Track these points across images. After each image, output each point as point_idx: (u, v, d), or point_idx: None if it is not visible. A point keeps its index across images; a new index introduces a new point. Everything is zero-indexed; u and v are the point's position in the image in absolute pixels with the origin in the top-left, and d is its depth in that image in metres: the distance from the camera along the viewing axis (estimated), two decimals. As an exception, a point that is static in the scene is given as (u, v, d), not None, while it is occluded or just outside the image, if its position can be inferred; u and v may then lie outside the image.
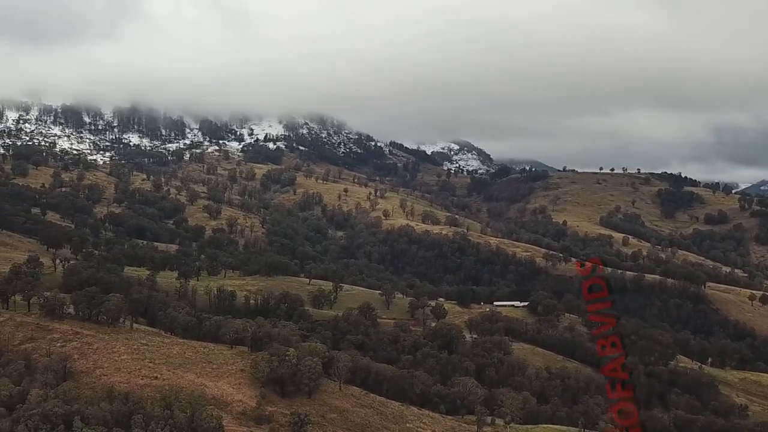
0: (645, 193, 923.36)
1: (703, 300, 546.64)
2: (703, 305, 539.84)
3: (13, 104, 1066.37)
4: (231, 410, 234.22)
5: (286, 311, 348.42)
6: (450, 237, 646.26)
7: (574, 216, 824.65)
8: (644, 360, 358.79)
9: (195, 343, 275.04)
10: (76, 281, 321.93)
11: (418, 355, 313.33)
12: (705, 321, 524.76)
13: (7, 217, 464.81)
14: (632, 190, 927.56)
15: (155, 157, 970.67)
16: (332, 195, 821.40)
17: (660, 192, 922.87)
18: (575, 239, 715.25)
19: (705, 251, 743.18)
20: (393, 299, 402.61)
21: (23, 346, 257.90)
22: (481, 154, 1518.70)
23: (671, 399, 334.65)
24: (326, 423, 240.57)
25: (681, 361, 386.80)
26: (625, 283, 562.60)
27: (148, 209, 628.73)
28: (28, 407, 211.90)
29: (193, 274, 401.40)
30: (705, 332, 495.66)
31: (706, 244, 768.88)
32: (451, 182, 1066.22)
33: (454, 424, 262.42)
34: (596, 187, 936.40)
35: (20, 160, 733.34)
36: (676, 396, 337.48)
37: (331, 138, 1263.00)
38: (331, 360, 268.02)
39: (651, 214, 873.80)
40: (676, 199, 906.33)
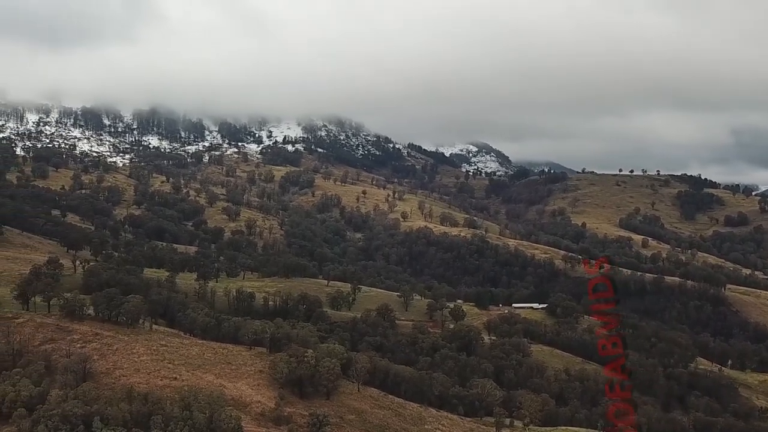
0: (664, 195, 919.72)
1: (723, 302, 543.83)
2: (723, 307, 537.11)
3: (33, 106, 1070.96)
4: (250, 411, 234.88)
5: (305, 312, 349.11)
6: (468, 239, 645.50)
7: (593, 218, 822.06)
8: (664, 362, 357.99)
9: (214, 344, 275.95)
10: (95, 282, 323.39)
11: (436, 357, 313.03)
12: (725, 323, 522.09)
13: (27, 218, 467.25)
14: (652, 192, 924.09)
15: (174, 160, 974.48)
16: (351, 197, 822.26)
17: (679, 194, 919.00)
18: (594, 241, 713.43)
19: (725, 253, 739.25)
20: (411, 301, 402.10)
21: (43, 347, 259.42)
22: (499, 156, 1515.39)
23: (691, 401, 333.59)
24: (345, 424, 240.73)
25: (701, 364, 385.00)
26: (645, 285, 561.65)
27: (168, 211, 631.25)
28: (48, 408, 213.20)
29: (212, 275, 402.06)
30: (725, 334, 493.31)
31: (726, 246, 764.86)
32: (469, 184, 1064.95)
33: (473, 426, 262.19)
34: (615, 189, 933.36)
35: (40, 162, 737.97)
36: (696, 398, 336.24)
37: (350, 140, 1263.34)
38: (349, 361, 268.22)
39: (671, 216, 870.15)
40: (696, 201, 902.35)
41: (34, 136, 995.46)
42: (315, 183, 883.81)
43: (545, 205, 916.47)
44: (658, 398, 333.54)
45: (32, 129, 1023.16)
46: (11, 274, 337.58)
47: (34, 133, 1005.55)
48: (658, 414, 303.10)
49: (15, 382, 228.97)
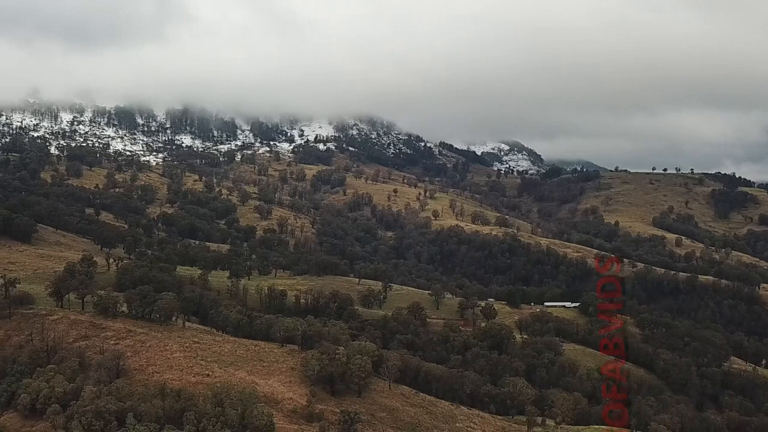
0: (698, 194, 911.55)
1: (758, 301, 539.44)
2: (757, 306, 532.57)
3: (67, 106, 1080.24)
4: (281, 408, 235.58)
5: (336, 310, 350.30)
6: (500, 237, 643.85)
7: (626, 216, 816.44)
8: (697, 361, 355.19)
9: (246, 342, 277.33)
10: (129, 280, 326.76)
11: (467, 355, 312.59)
12: (759, 322, 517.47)
13: (61, 217, 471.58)
14: (685, 191, 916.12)
15: (207, 158, 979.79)
16: (382, 195, 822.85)
17: (713, 192, 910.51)
18: (627, 240, 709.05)
19: (759, 252, 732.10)
20: (442, 299, 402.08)
21: (77, 344, 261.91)
22: (531, 155, 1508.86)
23: (724, 400, 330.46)
24: (376, 422, 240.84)
25: (734, 363, 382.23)
26: (678, 284, 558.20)
27: (200, 210, 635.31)
28: (81, 404, 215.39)
29: (245, 273, 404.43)
30: (759, 333, 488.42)
31: (761, 245, 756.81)
32: (501, 183, 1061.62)
33: (505, 425, 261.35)
34: (649, 188, 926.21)
35: (74, 161, 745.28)
36: (730, 397, 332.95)
37: (381, 139, 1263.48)
38: (380, 359, 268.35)
39: (704, 215, 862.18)
40: (730, 200, 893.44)
41: (69, 135, 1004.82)
42: (346, 182, 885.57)
43: (578, 204, 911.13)
44: (691, 397, 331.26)
45: (66, 128, 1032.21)
46: (46, 272, 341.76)
47: (68, 132, 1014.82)
48: (691, 413, 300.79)
49: (49, 378, 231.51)
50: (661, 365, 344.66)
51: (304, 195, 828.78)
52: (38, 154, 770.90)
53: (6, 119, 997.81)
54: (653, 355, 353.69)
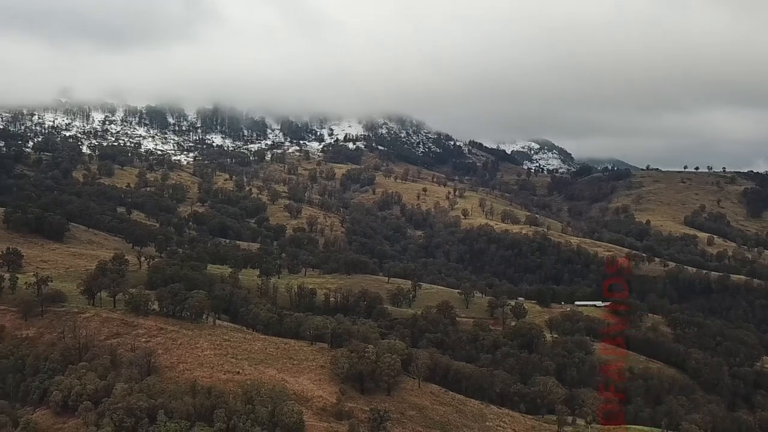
0: (730, 193, 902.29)
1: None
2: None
3: (99, 105, 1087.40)
4: (311, 405, 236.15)
5: (366, 309, 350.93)
6: (530, 236, 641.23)
7: (657, 215, 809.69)
8: (729, 361, 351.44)
9: (276, 339, 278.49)
10: (160, 278, 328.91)
11: (497, 354, 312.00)
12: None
13: (93, 215, 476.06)
14: (717, 189, 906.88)
15: (237, 158, 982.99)
16: (411, 194, 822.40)
17: (746, 191, 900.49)
18: (659, 239, 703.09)
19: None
20: (472, 298, 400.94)
21: (109, 342, 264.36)
22: (561, 153, 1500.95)
23: (757, 400, 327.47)
24: (405, 420, 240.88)
25: (767, 363, 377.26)
26: (710, 283, 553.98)
27: (231, 208, 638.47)
28: (113, 401, 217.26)
29: (275, 272, 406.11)
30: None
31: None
32: (531, 181, 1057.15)
33: (535, 424, 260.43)
34: (680, 186, 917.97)
35: (106, 161, 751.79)
36: (762, 397, 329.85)
37: (410, 138, 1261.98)
38: (409, 357, 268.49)
39: (737, 214, 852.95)
40: (763, 198, 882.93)
41: (100, 134, 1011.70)
42: (376, 181, 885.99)
43: (608, 203, 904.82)
44: (723, 397, 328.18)
45: (98, 128, 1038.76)
46: (78, 270, 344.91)
47: (100, 132, 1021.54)
48: (723, 413, 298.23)
49: (81, 375, 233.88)
50: (692, 365, 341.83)
51: (334, 194, 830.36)
52: (70, 153, 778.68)
53: (38, 119, 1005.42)
54: (685, 354, 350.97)
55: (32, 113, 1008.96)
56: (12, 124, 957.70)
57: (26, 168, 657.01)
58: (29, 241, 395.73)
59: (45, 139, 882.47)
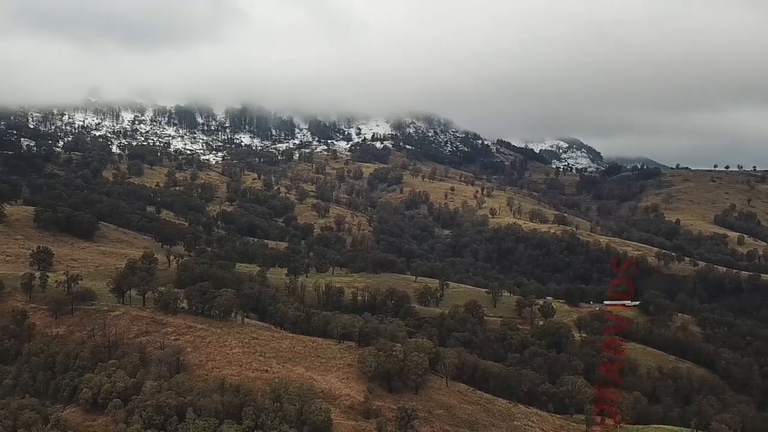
0: (761, 192, 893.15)
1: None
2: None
3: (128, 105, 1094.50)
4: (339, 404, 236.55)
5: (393, 308, 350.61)
6: (558, 235, 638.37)
7: (687, 214, 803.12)
8: (760, 360, 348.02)
9: (304, 338, 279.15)
10: (189, 277, 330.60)
11: (525, 354, 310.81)
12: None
13: (123, 214, 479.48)
14: (748, 188, 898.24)
15: (266, 157, 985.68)
16: (439, 193, 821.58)
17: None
18: (688, 238, 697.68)
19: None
20: (500, 297, 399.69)
21: (138, 339, 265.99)
22: (590, 152, 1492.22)
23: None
24: (433, 419, 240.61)
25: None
26: (740, 282, 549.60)
27: (259, 208, 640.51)
28: (142, 398, 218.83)
29: (302, 270, 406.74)
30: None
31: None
32: (559, 180, 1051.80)
33: (563, 423, 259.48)
34: (710, 185, 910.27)
35: (135, 160, 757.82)
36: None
37: (438, 137, 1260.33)
38: (437, 356, 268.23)
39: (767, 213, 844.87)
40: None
41: (130, 134, 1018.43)
42: (403, 180, 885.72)
43: (638, 202, 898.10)
44: (753, 397, 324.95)
45: (128, 127, 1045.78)
46: (107, 269, 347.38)
47: (129, 132, 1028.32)
48: (753, 413, 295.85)
49: (111, 373, 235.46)
50: (722, 365, 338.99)
51: (361, 193, 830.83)
52: (100, 152, 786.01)
53: (68, 118, 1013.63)
54: (714, 354, 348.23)
55: (62, 113, 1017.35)
56: (42, 124, 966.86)
57: (56, 167, 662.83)
58: (59, 240, 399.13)
59: (75, 139, 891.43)
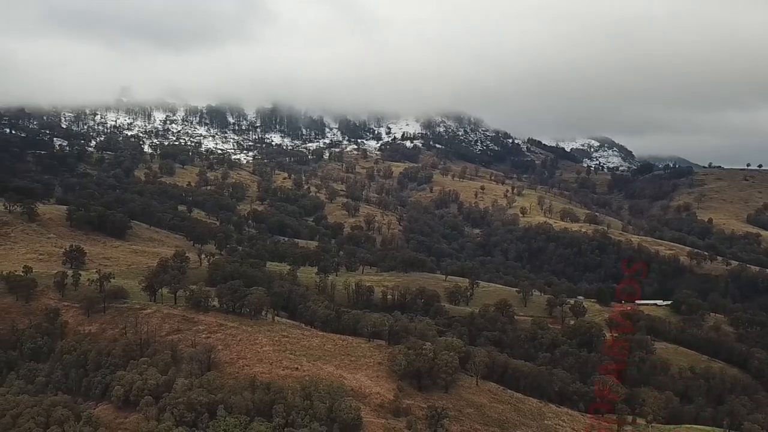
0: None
1: None
2: None
3: (160, 105, 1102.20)
4: (369, 402, 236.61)
5: (423, 306, 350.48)
6: (589, 235, 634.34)
7: (720, 214, 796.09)
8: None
9: (334, 336, 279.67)
10: (220, 275, 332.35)
11: (556, 353, 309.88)
12: None
13: (155, 213, 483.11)
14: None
15: (296, 156, 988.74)
16: (469, 192, 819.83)
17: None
18: (721, 237, 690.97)
19: None
20: (530, 297, 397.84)
21: (170, 337, 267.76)
22: (622, 151, 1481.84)
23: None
24: (463, 417, 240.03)
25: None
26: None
27: (289, 207, 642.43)
28: (174, 396, 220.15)
29: (332, 269, 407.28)
30: None
31: None
32: (590, 179, 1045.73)
33: (594, 422, 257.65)
34: (743, 184, 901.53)
35: (167, 160, 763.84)
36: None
37: (468, 136, 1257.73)
38: (467, 355, 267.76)
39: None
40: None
41: (161, 133, 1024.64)
42: (433, 179, 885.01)
43: (670, 201, 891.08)
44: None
45: (159, 127, 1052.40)
46: (139, 267, 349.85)
47: (161, 131, 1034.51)
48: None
49: (142, 370, 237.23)
50: (755, 364, 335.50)
51: (391, 192, 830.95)
52: (132, 152, 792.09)
53: (101, 118, 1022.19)
54: (747, 354, 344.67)
55: (94, 113, 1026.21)
56: (75, 124, 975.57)
57: (89, 167, 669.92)
58: (92, 239, 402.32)
59: (107, 139, 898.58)
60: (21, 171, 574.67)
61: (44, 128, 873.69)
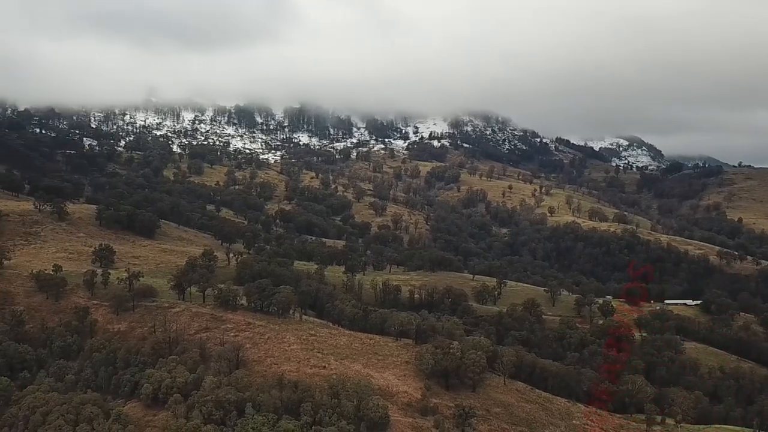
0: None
1: None
2: None
3: (188, 105, 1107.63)
4: (396, 401, 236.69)
5: (450, 306, 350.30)
6: (618, 234, 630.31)
7: (750, 213, 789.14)
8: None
9: (361, 335, 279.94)
10: (248, 274, 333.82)
11: (584, 353, 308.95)
12: None
13: (183, 213, 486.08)
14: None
15: (323, 156, 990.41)
16: (496, 192, 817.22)
17: None
18: (751, 237, 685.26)
19: None
20: (558, 296, 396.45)
21: (198, 336, 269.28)
22: (651, 150, 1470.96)
23: None
24: (491, 417, 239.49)
25: None
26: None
27: (317, 206, 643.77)
28: (202, 394, 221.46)
29: (360, 268, 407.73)
30: None
31: None
32: (619, 178, 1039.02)
33: (623, 422, 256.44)
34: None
35: (196, 159, 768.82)
36: None
37: (496, 135, 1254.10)
38: (495, 354, 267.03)
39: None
40: None
41: (190, 133, 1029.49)
42: (460, 178, 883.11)
43: (699, 200, 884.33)
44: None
45: (188, 127, 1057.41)
46: (168, 266, 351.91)
47: (189, 131, 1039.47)
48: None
49: (171, 369, 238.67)
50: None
51: (419, 191, 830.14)
52: (161, 152, 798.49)
53: (130, 118, 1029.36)
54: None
55: (123, 113, 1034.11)
56: (104, 124, 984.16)
57: (118, 166, 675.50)
58: (121, 238, 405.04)
59: (136, 138, 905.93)
60: (51, 170, 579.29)
61: (74, 128, 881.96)
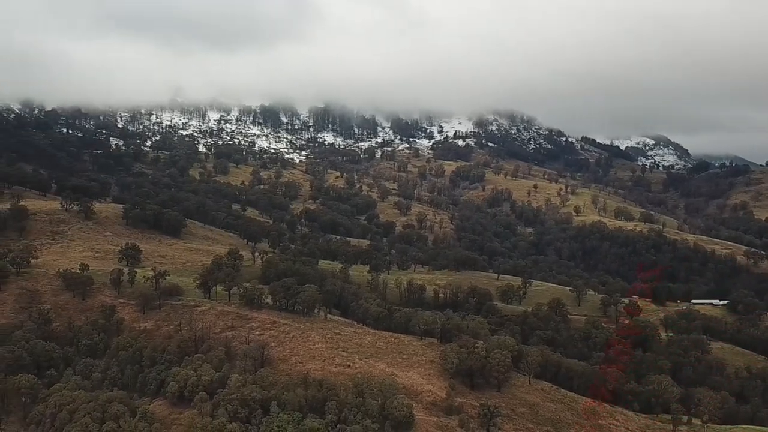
0: None
1: None
2: None
3: (214, 105, 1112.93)
4: (421, 400, 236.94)
5: (475, 305, 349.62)
6: (644, 233, 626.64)
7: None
8: None
9: (386, 334, 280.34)
10: (273, 273, 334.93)
11: (610, 353, 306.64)
12: None
13: (209, 212, 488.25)
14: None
15: (348, 156, 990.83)
16: (521, 191, 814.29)
17: None
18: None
19: None
20: (584, 296, 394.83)
21: (224, 334, 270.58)
22: (677, 149, 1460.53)
23: None
24: (516, 416, 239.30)
25: None
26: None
27: (342, 206, 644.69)
28: (228, 392, 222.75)
29: (384, 267, 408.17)
30: None
31: None
32: (645, 178, 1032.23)
33: (648, 422, 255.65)
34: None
35: (221, 159, 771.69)
36: None
37: (521, 134, 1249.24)
38: (520, 354, 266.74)
39: None
40: None
41: (216, 133, 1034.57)
42: (485, 177, 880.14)
43: (726, 200, 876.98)
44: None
45: (213, 127, 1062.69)
46: (194, 265, 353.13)
47: (215, 131, 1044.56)
48: None
49: (197, 367, 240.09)
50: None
51: (443, 191, 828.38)
52: (187, 152, 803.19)
53: (156, 118, 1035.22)
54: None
55: (150, 113, 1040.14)
56: (130, 124, 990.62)
57: (144, 166, 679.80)
58: (147, 237, 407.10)
59: (162, 138, 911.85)
60: (78, 170, 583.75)
61: (100, 128, 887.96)
